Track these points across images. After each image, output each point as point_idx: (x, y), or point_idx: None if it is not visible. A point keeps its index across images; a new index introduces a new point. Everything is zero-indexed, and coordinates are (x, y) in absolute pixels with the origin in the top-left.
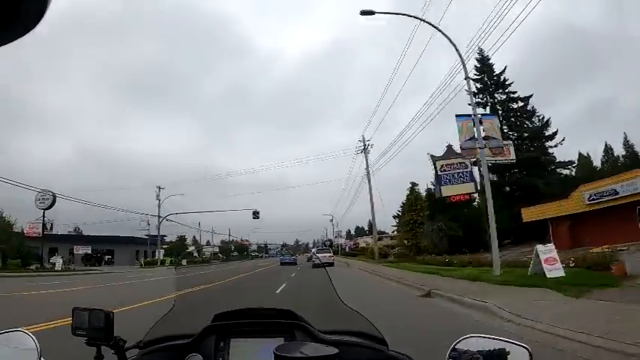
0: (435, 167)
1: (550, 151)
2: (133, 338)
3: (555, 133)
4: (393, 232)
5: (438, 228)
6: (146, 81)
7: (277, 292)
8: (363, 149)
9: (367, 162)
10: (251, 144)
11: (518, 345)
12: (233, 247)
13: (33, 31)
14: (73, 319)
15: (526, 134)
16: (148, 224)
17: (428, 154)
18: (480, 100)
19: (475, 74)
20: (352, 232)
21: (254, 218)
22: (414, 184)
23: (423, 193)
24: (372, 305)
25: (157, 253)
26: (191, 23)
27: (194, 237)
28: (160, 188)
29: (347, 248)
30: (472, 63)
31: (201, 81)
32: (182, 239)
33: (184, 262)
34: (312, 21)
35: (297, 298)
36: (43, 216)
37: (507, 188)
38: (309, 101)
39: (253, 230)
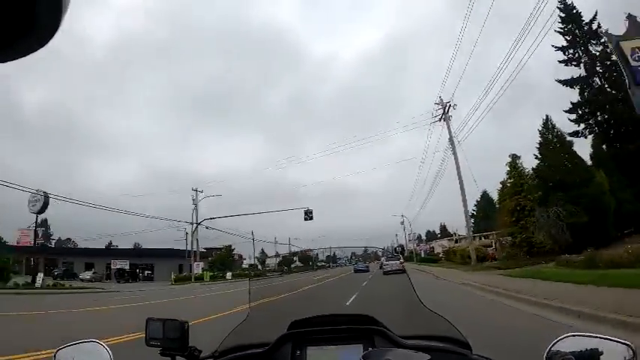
0: (621, 52)
1: None
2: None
3: None
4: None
5: (555, 214)
6: (206, 101)
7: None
8: (443, 114)
9: (450, 130)
10: (316, 151)
11: (618, 342)
12: (296, 259)
13: (47, 46)
14: (146, 329)
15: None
16: (186, 233)
17: (604, 31)
18: (570, 55)
19: (560, 27)
20: (423, 237)
21: (306, 219)
22: (515, 157)
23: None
24: None
25: (193, 267)
26: (244, 37)
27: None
28: (197, 191)
29: (423, 253)
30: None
31: (261, 93)
32: (228, 249)
33: (229, 275)
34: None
35: (373, 301)
36: (36, 220)
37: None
38: (371, 103)
39: (317, 238)
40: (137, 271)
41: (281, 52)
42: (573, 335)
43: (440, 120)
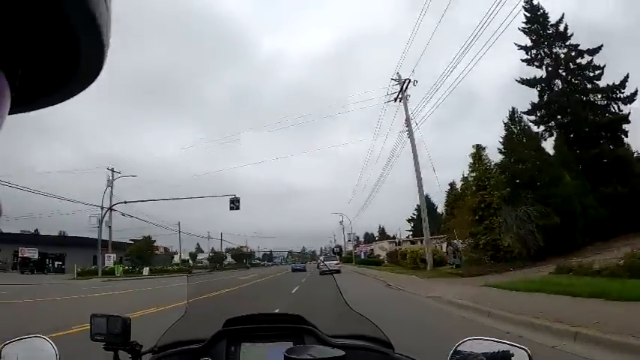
0: None
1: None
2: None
3: (635, 94)
4: (407, 237)
5: (525, 214)
6: (141, 88)
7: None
8: (400, 91)
9: (407, 110)
10: (257, 149)
11: (518, 347)
12: (228, 255)
13: (89, 88)
14: (91, 325)
15: (598, 95)
16: (98, 220)
17: None
18: (532, 56)
19: (524, 26)
20: (361, 239)
21: (232, 208)
22: (479, 147)
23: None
24: None
25: (101, 259)
26: (185, 21)
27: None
28: (113, 171)
29: (362, 255)
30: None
31: (203, 86)
32: (148, 240)
33: (146, 271)
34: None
35: (307, 301)
36: None
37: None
38: (316, 103)
39: (253, 236)
40: (47, 261)
41: (225, 41)
42: (476, 339)
43: (396, 100)
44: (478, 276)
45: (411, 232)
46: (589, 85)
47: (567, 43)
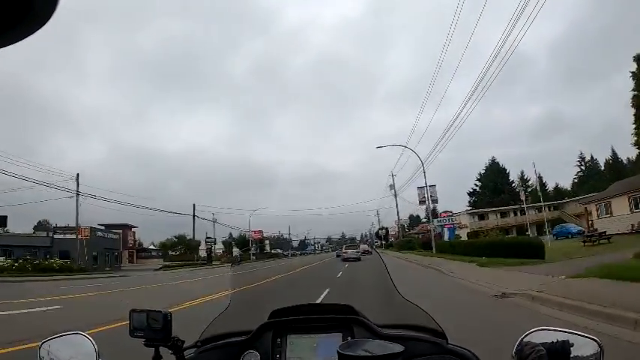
0: None
1: None
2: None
3: None
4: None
5: None
6: (163, 69)
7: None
8: None
9: None
10: (289, 129)
11: (587, 337)
12: (234, 243)
13: (45, 27)
14: (130, 321)
15: None
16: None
17: None
18: None
19: None
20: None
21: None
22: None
23: None
24: None
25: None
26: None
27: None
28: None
29: (447, 233)
30: None
31: (227, 61)
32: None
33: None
34: None
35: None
36: None
37: None
38: (350, 76)
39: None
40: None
41: (249, 13)
42: (542, 329)
43: None
44: None
45: (471, 206)
46: None
47: None
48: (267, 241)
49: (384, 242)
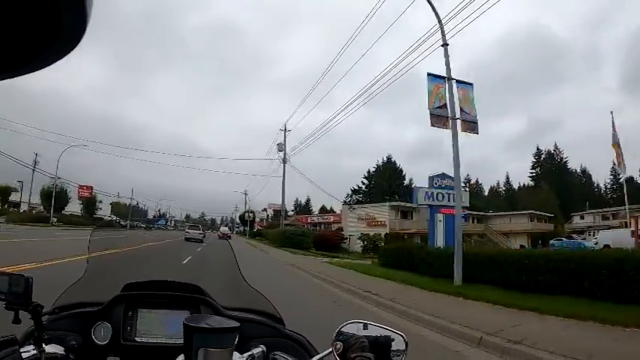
0: None
1: None
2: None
3: None
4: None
5: None
6: None
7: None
8: None
9: None
10: (166, 91)
11: (396, 332)
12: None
13: (69, 55)
14: None
15: None
16: None
17: None
18: None
19: None
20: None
21: None
22: None
23: None
24: None
25: None
26: None
27: None
28: None
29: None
30: None
31: None
32: None
33: None
34: None
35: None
36: None
37: None
38: (241, 52)
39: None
40: None
41: None
42: (357, 322)
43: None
44: None
45: (352, 201)
46: None
47: None
48: (99, 202)
49: (246, 229)
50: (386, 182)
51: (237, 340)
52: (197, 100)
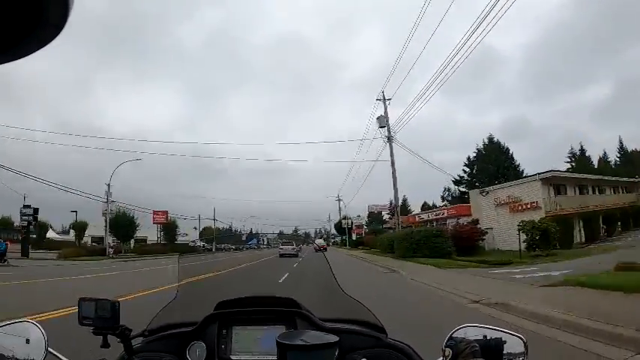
0: None
1: None
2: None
3: None
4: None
5: None
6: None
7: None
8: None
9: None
10: (242, 112)
11: (514, 335)
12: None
13: (50, 44)
14: (79, 309)
15: None
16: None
17: None
18: None
19: None
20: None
21: None
22: None
23: None
24: None
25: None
26: None
27: None
28: None
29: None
30: None
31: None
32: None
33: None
34: None
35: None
36: None
37: None
38: (310, 60)
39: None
40: None
41: None
42: (471, 326)
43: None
44: None
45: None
46: None
47: None
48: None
49: (345, 238)
50: (492, 165)
51: (337, 353)
52: (275, 115)
